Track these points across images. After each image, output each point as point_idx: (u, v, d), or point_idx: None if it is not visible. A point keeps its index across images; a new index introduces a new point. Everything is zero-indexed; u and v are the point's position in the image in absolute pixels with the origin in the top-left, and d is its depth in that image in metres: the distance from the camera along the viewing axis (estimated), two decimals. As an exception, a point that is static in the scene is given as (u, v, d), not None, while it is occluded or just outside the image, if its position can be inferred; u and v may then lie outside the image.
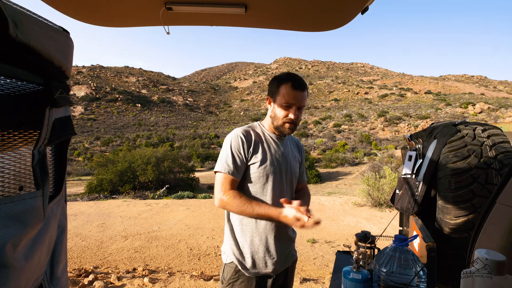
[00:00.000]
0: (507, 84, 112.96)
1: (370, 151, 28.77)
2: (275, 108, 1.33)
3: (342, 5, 1.21)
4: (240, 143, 1.29)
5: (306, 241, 4.71)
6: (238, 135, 1.30)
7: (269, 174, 1.31)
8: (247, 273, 1.29)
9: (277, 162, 1.34)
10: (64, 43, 0.59)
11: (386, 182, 7.02)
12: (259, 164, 1.30)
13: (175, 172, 15.91)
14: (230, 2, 1.20)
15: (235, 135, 1.31)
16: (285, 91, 1.28)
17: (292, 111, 1.29)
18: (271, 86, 1.35)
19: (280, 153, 1.37)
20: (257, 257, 1.30)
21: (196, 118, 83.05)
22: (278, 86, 1.31)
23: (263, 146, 1.33)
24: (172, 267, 3.81)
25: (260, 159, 1.30)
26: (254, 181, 1.31)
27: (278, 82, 1.32)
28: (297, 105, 1.30)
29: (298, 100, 1.29)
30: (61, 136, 0.63)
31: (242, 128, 1.35)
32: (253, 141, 1.32)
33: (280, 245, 1.34)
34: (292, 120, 1.30)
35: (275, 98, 1.32)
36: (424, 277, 0.92)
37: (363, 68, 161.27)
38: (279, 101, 1.30)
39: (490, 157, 1.17)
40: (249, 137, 1.32)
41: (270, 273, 1.32)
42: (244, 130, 1.34)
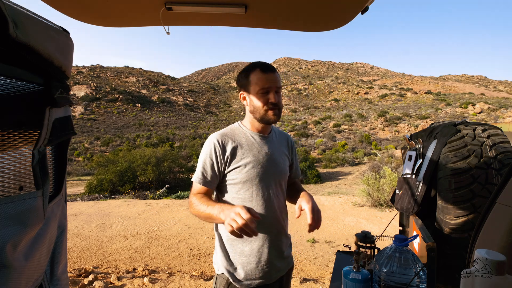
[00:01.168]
0: (507, 84, 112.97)
1: (370, 151, 28.77)
2: (252, 100, 1.25)
3: (342, 5, 1.21)
4: (213, 150, 1.21)
5: (306, 241, 4.71)
6: (213, 141, 1.22)
7: (253, 178, 1.23)
8: (238, 285, 1.22)
9: (262, 164, 1.25)
10: (64, 43, 0.59)
11: (386, 182, 7.02)
12: (241, 169, 1.22)
13: (175, 172, 15.93)
14: (230, 2, 1.20)
15: (209, 142, 1.23)
16: (257, 78, 1.22)
17: (272, 95, 1.22)
18: (241, 80, 1.28)
19: (265, 153, 1.28)
20: (249, 268, 1.23)
21: (196, 118, 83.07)
22: (247, 76, 1.25)
23: (243, 148, 1.25)
24: (172, 267, 3.81)
25: (241, 163, 1.23)
26: (238, 188, 1.23)
27: (246, 72, 1.25)
28: (274, 88, 1.23)
29: (273, 82, 1.22)
30: (61, 136, 0.63)
31: (219, 133, 1.26)
32: (230, 145, 1.23)
33: (274, 253, 1.27)
34: (274, 103, 1.22)
35: (249, 89, 1.25)
36: (424, 277, 0.92)
37: (363, 68, 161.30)
38: (254, 90, 1.23)
39: (490, 157, 1.17)
40: (226, 141, 1.23)
41: (263, 284, 1.24)
42: (221, 135, 1.25)
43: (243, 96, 1.29)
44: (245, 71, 1.27)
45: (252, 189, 1.23)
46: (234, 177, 1.23)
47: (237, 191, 1.24)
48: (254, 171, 1.23)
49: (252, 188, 1.23)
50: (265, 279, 1.24)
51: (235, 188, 1.24)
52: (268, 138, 1.33)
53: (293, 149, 1.49)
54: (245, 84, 1.26)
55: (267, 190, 1.26)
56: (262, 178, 1.24)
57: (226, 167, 1.23)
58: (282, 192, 1.34)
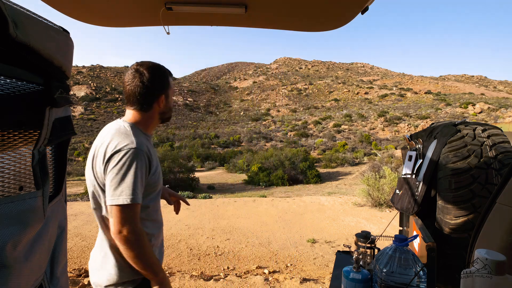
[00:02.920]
0: (507, 84, 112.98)
1: (370, 151, 28.77)
2: (169, 102, 1.27)
3: (342, 5, 1.21)
4: (144, 162, 1.10)
5: (306, 241, 4.71)
6: (144, 151, 1.12)
7: (159, 185, 1.23)
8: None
9: (160, 170, 1.25)
10: (64, 43, 0.59)
11: (386, 182, 7.02)
12: (158, 175, 1.21)
13: (175, 172, 15.91)
14: (230, 2, 1.20)
15: (140, 153, 1.09)
16: (171, 83, 1.27)
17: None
18: (163, 82, 1.22)
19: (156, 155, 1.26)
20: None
21: (196, 118, 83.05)
22: (168, 80, 1.25)
23: (155, 154, 1.23)
24: (172, 267, 3.81)
25: (157, 170, 1.21)
26: (151, 198, 1.20)
27: (165, 75, 1.23)
28: None
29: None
30: (61, 136, 0.63)
31: (138, 142, 1.11)
32: (150, 151, 1.17)
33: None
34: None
35: (168, 93, 1.25)
36: (424, 277, 0.92)
37: (363, 68, 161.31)
38: (171, 93, 1.28)
39: (490, 157, 1.17)
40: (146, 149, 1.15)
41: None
42: (141, 144, 1.12)
43: (161, 98, 1.23)
44: (163, 73, 1.23)
45: (158, 197, 1.25)
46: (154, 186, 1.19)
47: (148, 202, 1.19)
48: (160, 178, 1.24)
49: (158, 196, 1.25)
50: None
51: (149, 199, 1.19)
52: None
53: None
54: (167, 86, 1.24)
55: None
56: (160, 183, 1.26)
57: (148, 176, 1.16)
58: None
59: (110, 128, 1.17)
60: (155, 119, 1.26)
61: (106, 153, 1.06)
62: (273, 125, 54.31)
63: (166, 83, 1.23)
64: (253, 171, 17.38)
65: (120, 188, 1.03)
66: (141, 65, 1.18)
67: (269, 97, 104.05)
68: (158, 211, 1.27)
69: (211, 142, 37.89)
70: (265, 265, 3.87)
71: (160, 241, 1.30)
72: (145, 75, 1.17)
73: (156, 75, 1.19)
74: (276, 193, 12.30)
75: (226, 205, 7.22)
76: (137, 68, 1.18)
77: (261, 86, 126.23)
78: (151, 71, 1.18)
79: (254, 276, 3.35)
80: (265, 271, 3.63)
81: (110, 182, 1.04)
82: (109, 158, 1.06)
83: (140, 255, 1.06)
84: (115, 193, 1.03)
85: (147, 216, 1.19)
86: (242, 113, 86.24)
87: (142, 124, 1.23)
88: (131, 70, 1.19)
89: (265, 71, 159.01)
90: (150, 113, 1.23)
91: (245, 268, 3.77)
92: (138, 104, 1.20)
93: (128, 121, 1.21)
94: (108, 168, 1.05)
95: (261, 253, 4.26)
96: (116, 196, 1.02)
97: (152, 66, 1.20)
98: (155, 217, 1.24)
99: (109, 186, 1.04)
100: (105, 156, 1.06)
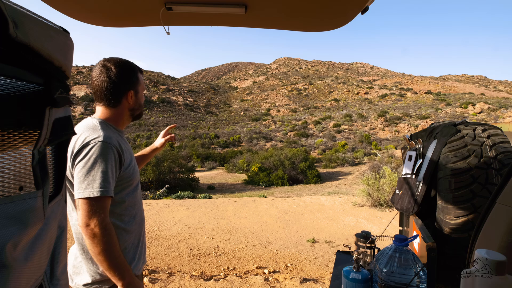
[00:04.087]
0: (507, 84, 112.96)
1: (370, 151, 28.77)
2: (139, 99, 1.27)
3: (342, 5, 1.21)
4: (114, 155, 1.09)
5: (306, 241, 4.71)
6: (113, 145, 1.10)
7: (135, 179, 1.23)
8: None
9: (135, 162, 1.25)
10: (64, 43, 0.59)
11: (386, 182, 7.02)
12: (132, 169, 1.20)
13: (175, 172, 15.91)
14: (230, 2, 1.20)
15: (107, 146, 1.07)
16: (141, 79, 1.27)
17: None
18: (131, 77, 1.21)
19: (131, 150, 1.26)
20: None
21: (196, 118, 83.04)
22: (137, 75, 1.24)
23: (128, 149, 1.22)
24: (172, 267, 3.81)
25: (131, 164, 1.20)
26: (127, 193, 1.19)
27: (133, 71, 1.22)
28: None
29: None
30: (61, 136, 0.63)
31: (106, 135, 1.10)
32: (121, 146, 1.16)
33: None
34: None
35: (138, 89, 1.25)
36: (424, 277, 0.92)
37: (363, 68, 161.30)
38: (141, 90, 1.27)
39: (490, 157, 1.17)
40: (117, 144, 1.14)
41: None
42: (109, 137, 1.11)
43: (130, 95, 1.22)
44: (135, 69, 1.24)
45: (135, 194, 1.23)
46: (129, 180, 1.19)
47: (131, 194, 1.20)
48: (136, 173, 1.25)
49: (136, 192, 1.24)
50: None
51: (122, 196, 1.17)
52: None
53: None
54: (135, 83, 1.23)
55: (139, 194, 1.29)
56: (138, 178, 1.26)
57: (121, 170, 1.15)
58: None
59: (80, 125, 1.16)
60: (125, 115, 1.25)
61: (74, 148, 1.05)
62: (273, 125, 54.31)
63: (134, 79, 1.22)
64: (253, 171, 17.39)
65: (87, 181, 1.01)
66: (108, 61, 1.17)
67: (269, 97, 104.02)
68: (136, 206, 1.24)
69: (211, 142, 37.89)
70: (265, 265, 3.87)
71: (139, 238, 1.26)
72: (112, 70, 1.15)
73: (123, 70, 1.18)
74: (276, 193, 12.30)
75: (226, 205, 7.22)
76: (104, 63, 1.16)
77: (261, 86, 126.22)
78: (118, 66, 1.16)
79: (254, 276, 3.35)
80: (265, 271, 3.63)
81: (77, 176, 1.02)
82: (76, 152, 1.05)
83: (105, 252, 1.00)
84: (82, 186, 1.00)
85: (123, 211, 1.17)
86: (242, 113, 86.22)
87: (112, 120, 1.21)
88: (98, 66, 1.17)
89: (265, 71, 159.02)
90: (119, 109, 1.21)
91: (245, 268, 3.77)
92: (106, 100, 1.18)
93: (98, 117, 1.20)
94: (76, 162, 1.04)
95: (261, 253, 4.26)
96: (82, 189, 1.00)
97: (119, 62, 1.18)
98: (133, 212, 1.22)
99: (77, 180, 1.02)
100: (73, 151, 1.05)
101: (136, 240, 1.25)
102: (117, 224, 1.15)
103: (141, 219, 1.29)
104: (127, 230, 1.18)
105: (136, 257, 1.24)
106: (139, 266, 1.26)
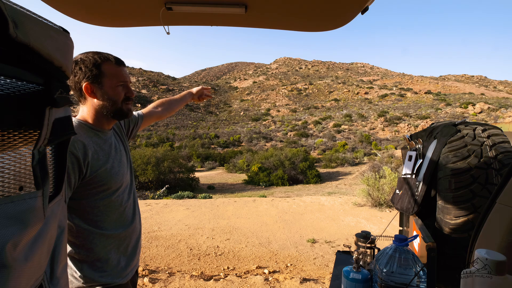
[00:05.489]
0: (507, 84, 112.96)
1: (370, 151, 28.77)
2: (107, 93, 1.12)
3: (342, 5, 1.21)
4: (72, 160, 1.01)
5: (306, 241, 4.71)
6: (71, 150, 1.01)
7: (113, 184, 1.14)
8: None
9: (118, 165, 1.18)
10: (64, 43, 0.59)
11: (386, 182, 7.02)
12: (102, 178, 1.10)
13: (175, 172, 15.92)
14: (230, 2, 1.20)
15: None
16: (114, 71, 1.12)
17: (130, 89, 1.18)
18: (88, 71, 1.09)
19: (114, 152, 1.19)
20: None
21: (196, 118, 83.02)
22: (98, 68, 1.10)
23: (105, 152, 1.14)
24: (172, 267, 3.81)
25: (104, 167, 1.11)
26: (100, 198, 1.11)
27: (96, 64, 1.10)
28: (129, 82, 1.19)
29: (128, 76, 1.18)
30: (61, 136, 0.63)
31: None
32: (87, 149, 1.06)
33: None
34: (131, 98, 1.18)
35: (103, 82, 1.11)
36: (424, 277, 0.92)
37: (363, 68, 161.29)
38: (110, 83, 1.12)
39: (490, 157, 1.17)
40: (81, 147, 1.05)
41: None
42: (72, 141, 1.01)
43: (90, 90, 1.11)
44: (94, 61, 1.10)
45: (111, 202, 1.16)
46: (101, 186, 1.11)
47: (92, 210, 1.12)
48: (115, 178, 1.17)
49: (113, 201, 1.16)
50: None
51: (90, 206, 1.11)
52: (109, 133, 1.24)
53: (128, 120, 1.47)
54: (96, 76, 1.10)
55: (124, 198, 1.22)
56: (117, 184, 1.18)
57: (86, 175, 1.06)
58: (134, 199, 1.31)
59: None
60: (98, 112, 1.15)
61: None
62: (273, 125, 54.30)
63: (92, 71, 1.09)
64: (253, 171, 17.39)
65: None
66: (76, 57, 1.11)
67: (269, 97, 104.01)
68: (118, 210, 1.18)
69: (211, 142, 37.89)
70: (265, 265, 3.87)
71: (126, 243, 1.21)
72: (73, 65, 1.09)
73: (79, 63, 1.09)
74: (276, 193, 12.30)
75: (226, 205, 7.22)
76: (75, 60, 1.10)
77: (261, 86, 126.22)
78: (76, 60, 1.10)
79: (254, 276, 3.35)
80: (265, 271, 3.63)
81: None
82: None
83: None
84: None
85: (98, 217, 1.11)
86: (242, 113, 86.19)
87: (88, 119, 1.16)
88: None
89: (265, 71, 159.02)
90: (87, 105, 1.15)
91: (245, 268, 3.77)
92: (76, 97, 1.14)
93: (77, 117, 1.16)
94: None
95: (261, 253, 4.26)
96: None
97: (79, 55, 1.11)
98: (113, 217, 1.16)
99: None
100: None
101: (121, 245, 1.20)
102: (91, 230, 1.10)
103: (127, 222, 1.22)
104: (106, 235, 1.13)
105: (121, 262, 1.19)
106: (125, 273, 1.21)
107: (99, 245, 1.12)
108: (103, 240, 1.13)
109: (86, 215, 1.10)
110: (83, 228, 1.09)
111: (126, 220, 1.22)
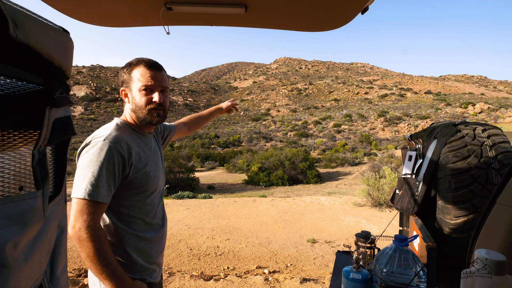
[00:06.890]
0: (507, 84, 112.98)
1: (370, 151, 28.76)
2: (134, 98, 1.12)
3: (342, 5, 1.21)
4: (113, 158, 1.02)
5: (306, 241, 4.71)
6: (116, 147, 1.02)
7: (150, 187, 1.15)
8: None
9: (155, 169, 1.19)
10: (64, 43, 0.59)
11: (386, 182, 7.02)
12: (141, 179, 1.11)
13: (175, 172, 15.90)
14: (230, 2, 1.20)
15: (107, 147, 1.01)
16: (140, 74, 1.11)
17: (156, 94, 1.12)
18: (122, 76, 1.14)
19: (153, 156, 1.21)
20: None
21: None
22: (129, 72, 1.12)
23: (145, 154, 1.16)
24: (172, 267, 3.81)
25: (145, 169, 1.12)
26: (137, 199, 1.13)
27: (128, 68, 1.13)
28: (159, 87, 1.13)
29: (157, 81, 1.12)
30: (61, 136, 0.63)
31: (111, 136, 1.04)
32: (131, 150, 1.09)
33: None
34: (158, 103, 1.12)
35: (131, 87, 1.12)
36: (424, 277, 0.92)
37: (363, 68, 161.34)
38: (136, 87, 1.11)
39: (490, 157, 1.17)
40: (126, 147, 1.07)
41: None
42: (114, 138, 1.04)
43: (124, 94, 1.16)
44: (127, 66, 1.14)
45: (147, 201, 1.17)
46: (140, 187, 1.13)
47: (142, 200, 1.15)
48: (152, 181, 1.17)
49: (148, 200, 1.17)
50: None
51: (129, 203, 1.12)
52: (150, 137, 1.25)
53: (165, 129, 1.48)
54: (127, 81, 1.13)
55: (159, 201, 1.23)
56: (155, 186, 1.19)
57: (128, 175, 1.08)
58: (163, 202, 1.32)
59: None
60: (135, 116, 1.17)
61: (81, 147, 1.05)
62: (273, 125, 54.29)
63: (124, 75, 1.13)
64: (253, 171, 17.38)
65: (78, 181, 0.98)
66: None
67: (269, 97, 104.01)
68: (151, 214, 1.19)
69: (211, 142, 37.87)
70: (265, 265, 3.87)
71: (157, 245, 1.22)
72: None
73: (122, 69, 1.15)
74: (276, 193, 12.30)
75: (226, 205, 7.22)
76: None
77: (261, 86, 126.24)
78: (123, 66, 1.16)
79: (254, 276, 3.35)
80: (265, 271, 3.63)
81: (75, 174, 1.00)
82: (79, 151, 1.04)
83: (92, 258, 0.94)
84: (75, 185, 0.98)
85: (130, 218, 1.12)
86: (242, 113, 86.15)
87: (131, 121, 1.18)
88: None
89: (265, 71, 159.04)
90: (126, 108, 1.18)
91: (245, 268, 3.77)
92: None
93: (121, 117, 1.20)
94: (78, 162, 1.03)
95: (261, 253, 4.26)
96: (75, 189, 0.97)
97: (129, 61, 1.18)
98: (148, 220, 1.17)
99: (75, 178, 1.00)
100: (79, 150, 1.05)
101: (152, 248, 1.20)
102: (126, 229, 1.11)
103: (158, 226, 1.24)
104: (140, 236, 1.15)
105: (152, 264, 1.21)
106: (155, 273, 1.23)
107: (133, 246, 1.13)
108: (136, 241, 1.14)
109: (120, 215, 1.11)
110: (120, 227, 1.11)
111: (157, 224, 1.23)
